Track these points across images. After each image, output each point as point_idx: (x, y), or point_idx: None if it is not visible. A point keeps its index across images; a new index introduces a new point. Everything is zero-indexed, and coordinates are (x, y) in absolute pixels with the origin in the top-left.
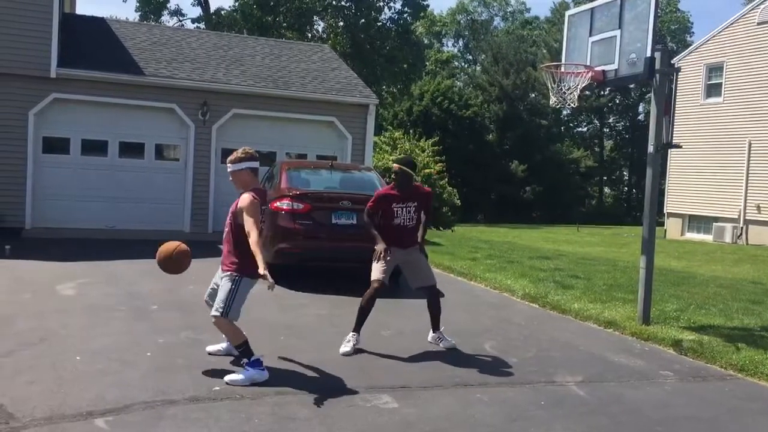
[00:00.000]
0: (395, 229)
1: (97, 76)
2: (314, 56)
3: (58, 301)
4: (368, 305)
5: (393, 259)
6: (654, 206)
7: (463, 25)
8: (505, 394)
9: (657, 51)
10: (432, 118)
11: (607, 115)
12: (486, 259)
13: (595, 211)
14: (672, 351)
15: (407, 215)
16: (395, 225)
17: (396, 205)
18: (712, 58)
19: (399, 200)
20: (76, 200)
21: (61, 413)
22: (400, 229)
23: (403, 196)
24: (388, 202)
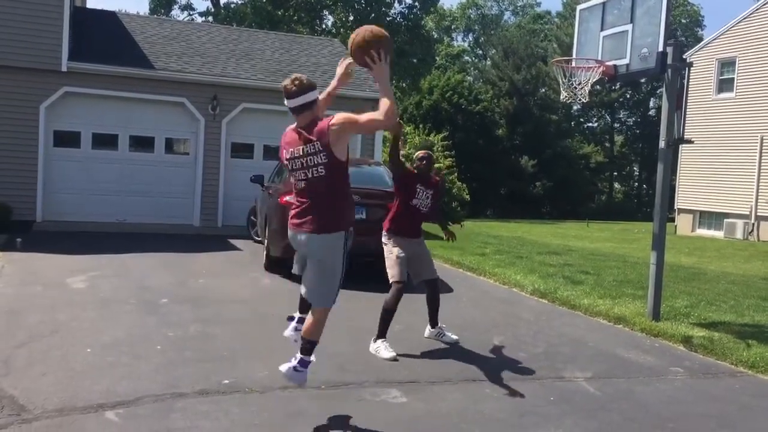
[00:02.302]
0: (410, 210)
1: (108, 70)
2: (324, 50)
3: (69, 294)
4: (393, 307)
5: (406, 254)
6: (665, 202)
7: (473, 20)
8: (515, 389)
9: (669, 46)
10: (441, 112)
11: (618, 110)
12: (495, 255)
13: (605, 206)
14: (682, 347)
15: (425, 200)
16: (412, 205)
17: (419, 186)
18: (724, 53)
19: (423, 183)
20: (86, 194)
21: (72, 405)
22: (414, 212)
23: (425, 181)
24: (415, 180)
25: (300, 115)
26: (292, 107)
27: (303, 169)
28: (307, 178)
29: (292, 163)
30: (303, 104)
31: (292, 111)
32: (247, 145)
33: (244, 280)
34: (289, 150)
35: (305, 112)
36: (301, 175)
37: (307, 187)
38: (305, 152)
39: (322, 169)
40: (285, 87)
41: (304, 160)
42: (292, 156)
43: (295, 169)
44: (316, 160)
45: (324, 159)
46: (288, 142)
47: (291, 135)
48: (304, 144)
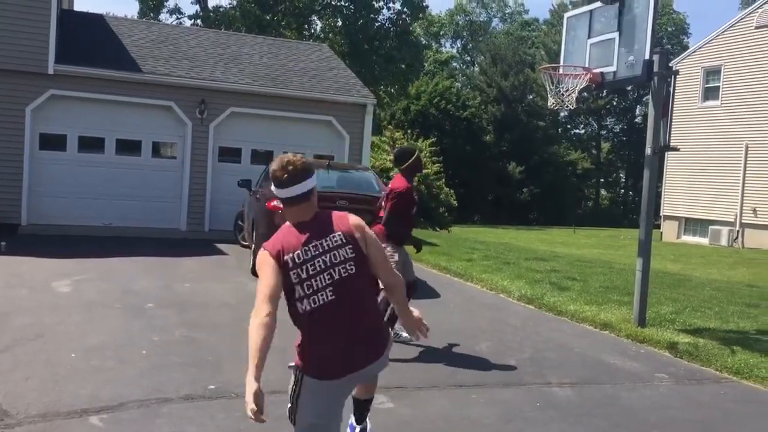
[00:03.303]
0: (410, 219)
1: (95, 72)
2: (312, 55)
3: (54, 297)
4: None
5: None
6: (651, 209)
7: (461, 26)
8: (501, 395)
9: (655, 53)
10: (429, 118)
11: (605, 117)
12: (482, 260)
13: (591, 213)
14: (667, 353)
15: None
16: (412, 215)
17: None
18: (709, 61)
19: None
20: (72, 197)
21: (55, 410)
22: (411, 219)
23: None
24: (412, 193)
25: (300, 206)
26: (298, 197)
27: (325, 271)
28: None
29: (306, 268)
30: (304, 192)
31: (294, 201)
32: (235, 150)
33: (231, 284)
34: (298, 251)
35: (304, 203)
36: (324, 280)
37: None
38: (326, 247)
39: (351, 265)
40: (280, 171)
41: (326, 256)
42: (305, 257)
43: (312, 275)
44: (344, 254)
45: (351, 253)
46: (292, 244)
47: (291, 233)
48: (321, 238)
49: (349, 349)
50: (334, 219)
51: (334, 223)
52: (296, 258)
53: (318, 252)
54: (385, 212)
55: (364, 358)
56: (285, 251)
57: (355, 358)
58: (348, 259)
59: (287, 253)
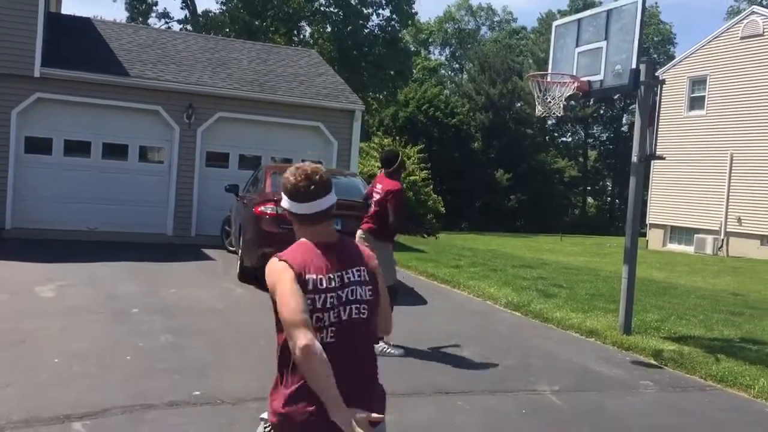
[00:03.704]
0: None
1: (82, 76)
2: (301, 61)
3: (37, 302)
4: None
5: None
6: (637, 217)
7: (450, 34)
8: (487, 402)
9: (642, 63)
10: (418, 125)
11: (592, 125)
12: (469, 267)
13: (578, 220)
14: (653, 361)
15: None
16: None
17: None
18: (695, 71)
19: None
20: (58, 201)
21: (38, 416)
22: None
23: None
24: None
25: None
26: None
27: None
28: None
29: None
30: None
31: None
32: (223, 155)
33: (217, 290)
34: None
35: (328, 220)
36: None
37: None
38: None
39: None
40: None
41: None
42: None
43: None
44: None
45: (370, 295)
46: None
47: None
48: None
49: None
50: (358, 249)
51: (359, 254)
52: (319, 283)
53: (340, 284)
54: (391, 213)
55: (371, 404)
56: (308, 270)
57: (370, 401)
58: (365, 300)
59: (311, 273)
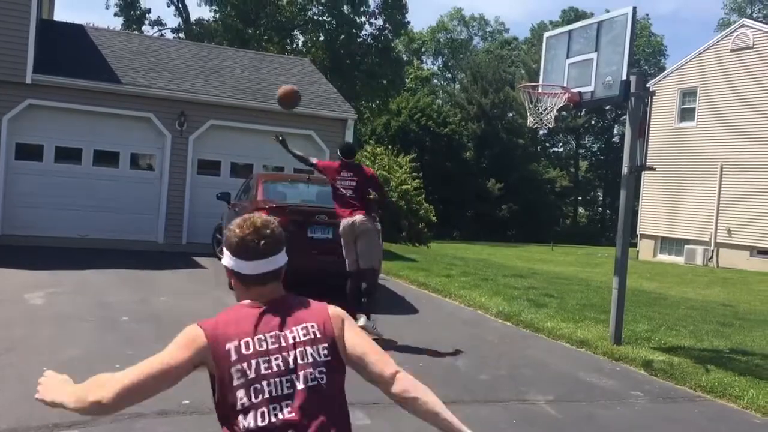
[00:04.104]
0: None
1: (74, 83)
2: (294, 69)
3: (27, 310)
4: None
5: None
6: (627, 227)
7: (442, 44)
8: (478, 412)
9: (632, 74)
10: (410, 134)
11: (583, 136)
12: (461, 276)
13: (569, 230)
14: (643, 371)
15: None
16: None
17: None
18: (686, 82)
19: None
20: (48, 208)
21: (26, 424)
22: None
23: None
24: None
25: (271, 285)
26: (261, 276)
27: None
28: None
29: (257, 363)
30: (280, 267)
31: (254, 280)
32: (214, 162)
33: (208, 299)
34: (248, 338)
35: (275, 282)
36: (283, 387)
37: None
38: (291, 341)
39: (323, 372)
40: (249, 241)
41: (290, 353)
42: (258, 348)
43: (264, 375)
44: (314, 355)
45: (326, 356)
46: (241, 328)
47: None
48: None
49: None
50: (308, 305)
51: (308, 309)
52: (243, 347)
53: (278, 345)
54: (381, 194)
55: None
56: (227, 336)
57: None
58: (320, 363)
59: (231, 340)
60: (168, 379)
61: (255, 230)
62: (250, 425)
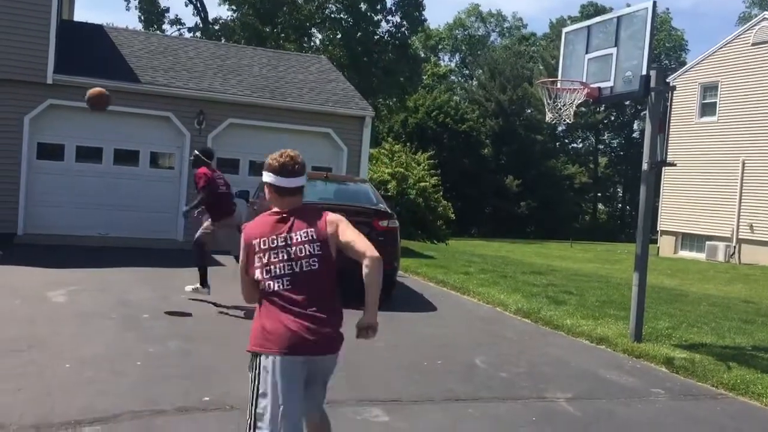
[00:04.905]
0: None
1: (94, 82)
2: (311, 67)
3: (49, 308)
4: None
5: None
6: (647, 224)
7: (460, 40)
8: (496, 409)
9: (653, 69)
10: (428, 131)
11: (603, 131)
12: (479, 273)
13: (588, 227)
14: (664, 369)
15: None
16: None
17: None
18: (707, 77)
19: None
20: (69, 207)
21: (48, 422)
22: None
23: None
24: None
25: (294, 198)
26: (293, 188)
27: (287, 262)
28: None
29: (269, 254)
30: (301, 186)
31: (288, 192)
32: (233, 161)
33: (227, 296)
34: (265, 237)
35: (297, 196)
36: (283, 269)
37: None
38: (294, 240)
39: (315, 261)
40: (284, 164)
41: (291, 249)
42: (271, 245)
43: (272, 261)
44: (310, 250)
45: (318, 250)
46: (262, 231)
47: (266, 222)
48: (291, 231)
49: (296, 335)
50: (311, 215)
51: (309, 219)
52: (261, 244)
53: (284, 243)
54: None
55: (310, 348)
56: (254, 236)
57: (301, 345)
58: (312, 255)
59: (256, 237)
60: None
61: (291, 158)
62: (265, 289)
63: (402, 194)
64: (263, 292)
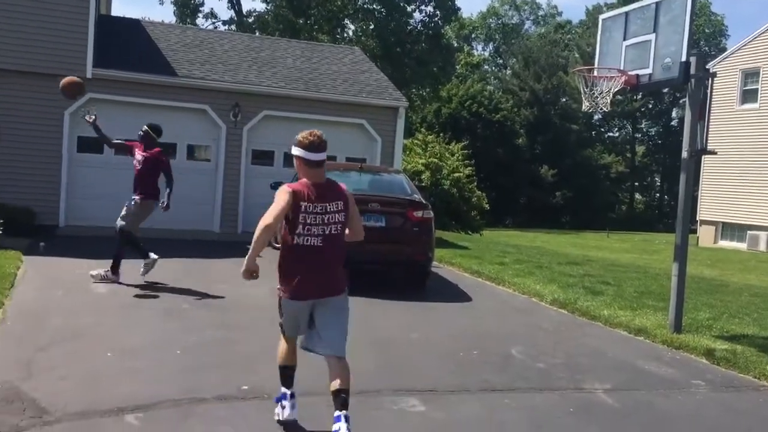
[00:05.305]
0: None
1: (132, 76)
2: (345, 58)
3: (91, 298)
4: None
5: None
6: (687, 213)
7: (493, 29)
8: (533, 399)
9: (692, 55)
10: (461, 121)
11: (640, 119)
12: (514, 264)
13: (625, 217)
14: (704, 360)
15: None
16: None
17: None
18: (748, 63)
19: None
20: (109, 199)
21: (92, 409)
22: None
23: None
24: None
25: (320, 169)
26: (320, 161)
27: (322, 225)
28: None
29: (311, 217)
30: (324, 159)
31: (316, 165)
32: (268, 152)
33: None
34: (311, 204)
35: (322, 168)
36: (318, 230)
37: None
38: (329, 209)
39: (339, 227)
40: (312, 141)
41: (326, 216)
42: (314, 210)
43: (312, 223)
44: (338, 218)
45: (343, 218)
46: (309, 196)
47: (309, 188)
48: (328, 202)
49: (316, 281)
50: (337, 189)
51: (337, 193)
52: (308, 207)
53: (322, 211)
54: (149, 174)
55: (328, 290)
56: (303, 198)
57: (318, 289)
58: (339, 222)
59: (304, 201)
60: (284, 214)
61: (317, 137)
62: (298, 242)
63: (436, 185)
64: (298, 244)
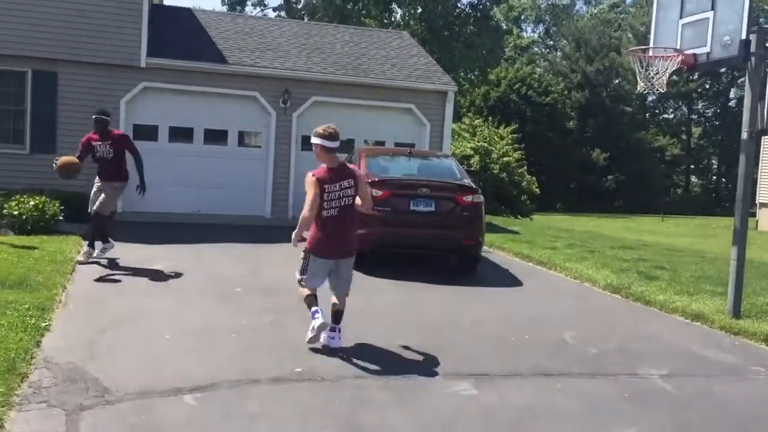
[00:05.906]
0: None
1: (184, 65)
2: (393, 43)
3: (148, 282)
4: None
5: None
6: (747, 196)
7: (543, 10)
8: (587, 385)
9: (752, 32)
10: (510, 105)
11: (696, 100)
12: (566, 249)
13: (681, 200)
14: (764, 346)
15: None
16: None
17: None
18: None
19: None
20: (164, 186)
21: (152, 389)
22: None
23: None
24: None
25: (335, 155)
26: (335, 147)
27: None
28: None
29: (331, 194)
30: (338, 146)
31: (332, 150)
32: None
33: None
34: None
35: (336, 153)
36: (336, 203)
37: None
38: (343, 186)
39: (351, 199)
40: (330, 132)
41: (341, 192)
42: (333, 189)
43: (332, 198)
44: (350, 192)
45: (353, 192)
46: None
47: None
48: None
49: (338, 242)
50: (349, 171)
51: (348, 173)
52: (328, 188)
53: (339, 188)
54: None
55: (345, 252)
56: (326, 181)
57: (338, 250)
58: (351, 195)
59: (325, 183)
60: (317, 202)
61: (333, 129)
62: (324, 214)
63: (485, 169)
64: (322, 215)
